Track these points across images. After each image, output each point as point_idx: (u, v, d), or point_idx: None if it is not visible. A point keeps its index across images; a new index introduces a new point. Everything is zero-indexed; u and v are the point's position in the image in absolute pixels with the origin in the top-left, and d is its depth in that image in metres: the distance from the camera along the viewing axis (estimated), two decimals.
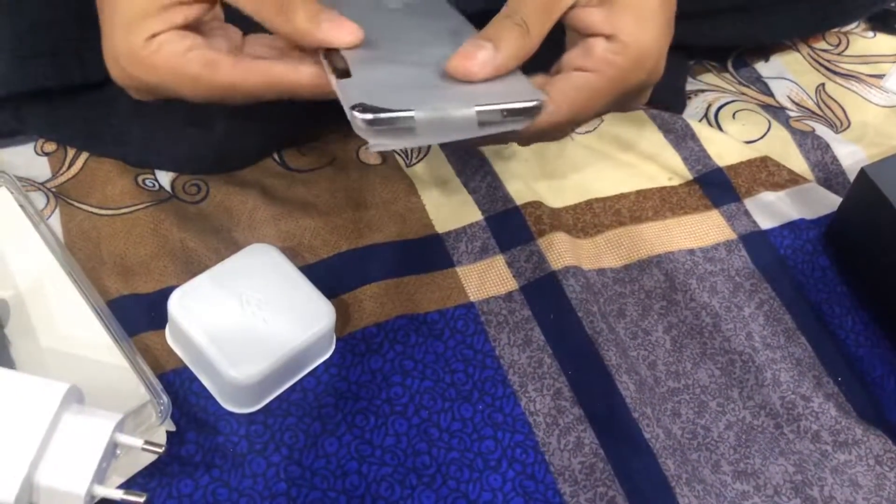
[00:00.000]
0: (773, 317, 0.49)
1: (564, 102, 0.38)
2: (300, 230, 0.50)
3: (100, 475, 0.37)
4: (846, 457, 0.44)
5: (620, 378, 0.45)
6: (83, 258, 0.48)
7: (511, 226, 0.51)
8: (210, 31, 0.39)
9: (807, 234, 0.53)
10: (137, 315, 0.46)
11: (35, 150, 0.52)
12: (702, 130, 0.57)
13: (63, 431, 0.37)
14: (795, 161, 0.56)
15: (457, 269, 0.49)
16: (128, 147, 0.51)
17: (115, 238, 0.49)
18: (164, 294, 0.44)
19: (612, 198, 0.54)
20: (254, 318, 0.43)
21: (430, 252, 0.50)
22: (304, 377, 0.45)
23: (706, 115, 0.59)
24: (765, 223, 0.53)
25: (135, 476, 0.41)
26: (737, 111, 0.59)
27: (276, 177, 0.53)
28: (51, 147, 0.53)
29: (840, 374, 0.48)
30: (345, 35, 0.37)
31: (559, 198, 0.54)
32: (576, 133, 0.56)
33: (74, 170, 0.52)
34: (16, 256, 0.46)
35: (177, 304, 0.43)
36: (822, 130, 0.58)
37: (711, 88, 0.61)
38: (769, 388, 0.47)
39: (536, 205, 0.52)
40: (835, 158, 0.57)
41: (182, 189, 0.52)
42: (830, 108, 0.60)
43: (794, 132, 0.57)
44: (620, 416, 0.44)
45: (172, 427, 0.42)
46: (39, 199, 0.50)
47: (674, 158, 0.56)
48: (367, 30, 0.38)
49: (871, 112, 0.60)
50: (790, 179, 0.55)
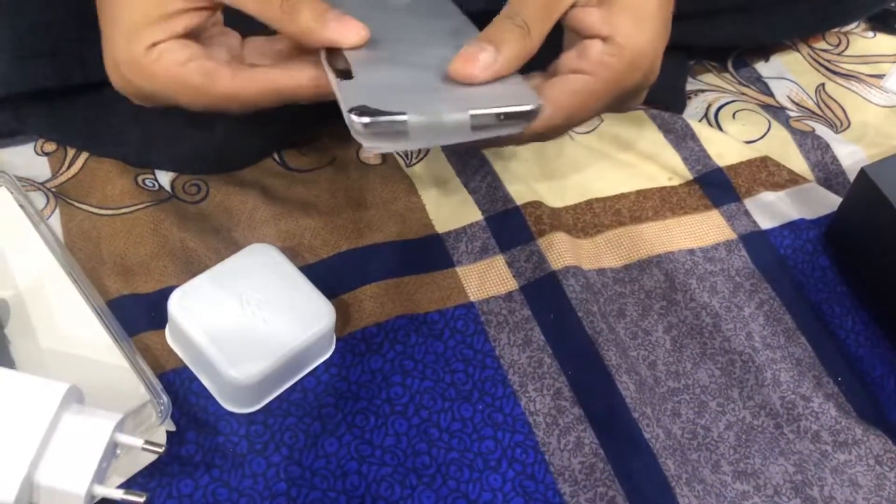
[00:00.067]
0: (773, 317, 0.49)
1: (560, 105, 0.38)
2: (300, 230, 0.50)
3: (100, 475, 0.37)
4: (846, 457, 0.44)
5: (620, 378, 0.45)
6: (83, 258, 0.48)
7: (511, 226, 0.51)
8: (210, 39, 0.40)
9: (807, 234, 0.53)
10: (137, 315, 0.46)
11: (35, 150, 0.52)
12: (702, 130, 0.57)
13: (63, 431, 0.37)
14: (795, 161, 0.56)
15: (457, 269, 0.49)
16: (128, 147, 0.51)
17: (115, 238, 0.49)
18: (164, 294, 0.44)
19: (613, 198, 0.54)
20: (254, 318, 0.43)
21: (430, 252, 0.50)
22: (304, 377, 0.45)
23: (706, 115, 0.59)
24: (765, 223, 0.53)
25: (135, 476, 0.41)
26: (737, 111, 0.59)
27: (276, 177, 0.53)
28: (51, 147, 0.53)
29: (840, 374, 0.48)
30: (351, 34, 0.37)
31: (559, 198, 0.53)
32: (576, 133, 0.56)
33: (74, 170, 0.52)
34: (16, 256, 0.46)
35: (177, 304, 0.43)
36: (822, 130, 0.58)
37: (711, 88, 0.61)
38: (769, 388, 0.47)
39: (536, 205, 0.52)
40: (835, 158, 0.57)
41: (182, 189, 0.52)
42: (830, 108, 0.60)
43: (794, 132, 0.57)
44: (620, 416, 0.44)
45: (172, 427, 0.42)
46: (39, 199, 0.50)
47: (674, 158, 0.56)
48: (370, 28, 0.38)
49: (871, 112, 0.60)
50: (790, 179, 0.55)
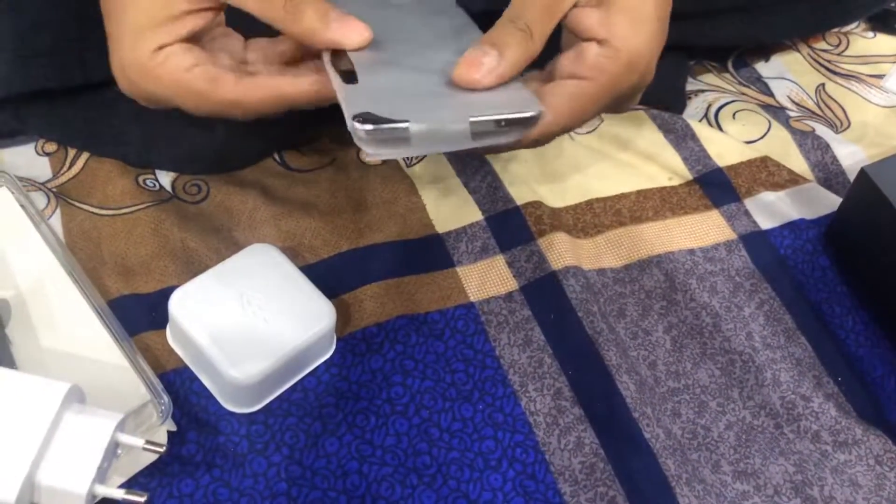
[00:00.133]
0: (774, 317, 0.49)
1: (559, 111, 0.37)
2: (301, 230, 0.50)
3: (101, 475, 0.37)
4: (846, 457, 0.44)
5: (620, 378, 0.45)
6: (84, 258, 0.48)
7: (511, 226, 0.51)
8: (213, 42, 0.39)
9: (807, 234, 0.53)
10: (138, 315, 0.46)
11: (36, 151, 0.52)
12: (702, 130, 0.57)
13: (64, 431, 0.37)
14: (795, 161, 0.56)
15: (457, 269, 0.49)
16: (128, 147, 0.51)
17: (116, 238, 0.49)
18: (165, 294, 0.44)
19: (613, 198, 0.54)
20: (254, 318, 0.43)
21: (431, 252, 0.50)
22: (305, 377, 0.45)
23: (706, 115, 0.59)
24: (765, 223, 0.53)
25: (136, 476, 0.41)
26: (737, 111, 0.59)
27: (277, 177, 0.53)
28: (51, 147, 0.53)
29: (840, 374, 0.48)
30: (354, 35, 0.37)
31: (559, 198, 0.54)
32: (576, 133, 0.57)
33: (75, 170, 0.52)
34: (17, 256, 0.46)
35: (177, 304, 0.43)
36: (823, 130, 0.58)
37: (711, 88, 0.61)
38: (769, 388, 0.47)
39: (537, 205, 0.52)
40: (835, 158, 0.57)
41: (182, 189, 0.52)
42: (830, 109, 0.60)
43: (795, 132, 0.57)
44: (621, 416, 0.44)
45: (173, 427, 0.42)
46: (40, 199, 0.50)
47: (674, 158, 0.56)
48: (372, 28, 0.37)
49: (872, 112, 0.60)
50: (790, 179, 0.55)
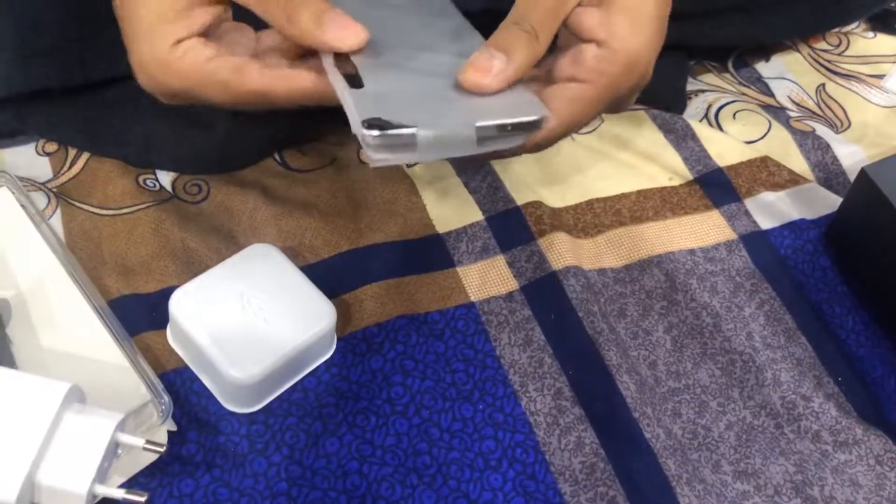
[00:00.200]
0: (774, 317, 0.49)
1: (559, 115, 0.37)
2: (301, 230, 0.50)
3: (101, 475, 0.37)
4: (846, 457, 0.44)
5: (621, 378, 0.45)
6: (84, 258, 0.48)
7: (511, 226, 0.51)
8: (226, 36, 0.39)
9: (807, 234, 0.53)
10: (138, 315, 0.46)
11: (36, 151, 0.52)
12: (702, 130, 0.57)
13: (64, 431, 0.37)
14: (796, 161, 0.56)
15: (457, 269, 0.49)
16: (129, 147, 0.51)
17: (116, 238, 0.49)
18: (165, 294, 0.44)
19: (613, 198, 0.54)
20: (255, 318, 0.43)
21: (431, 252, 0.50)
22: (305, 377, 0.45)
23: (706, 116, 0.59)
24: (765, 223, 0.53)
25: (136, 475, 0.41)
26: (737, 111, 0.59)
27: (277, 177, 0.53)
28: (52, 147, 0.53)
29: (840, 374, 0.48)
30: (349, 38, 0.37)
31: (560, 198, 0.54)
32: (576, 133, 0.57)
33: (75, 170, 0.52)
34: (17, 256, 0.46)
35: (178, 304, 0.43)
36: (823, 130, 0.58)
37: (712, 88, 0.61)
38: (769, 388, 0.47)
39: (537, 205, 0.52)
40: (835, 158, 0.57)
41: (183, 189, 0.52)
42: (831, 109, 0.60)
43: (795, 132, 0.57)
44: (621, 416, 0.44)
45: (173, 427, 0.42)
46: (41, 199, 0.50)
47: (674, 158, 0.56)
48: (370, 28, 0.37)
49: (872, 112, 0.60)
50: (790, 179, 0.55)
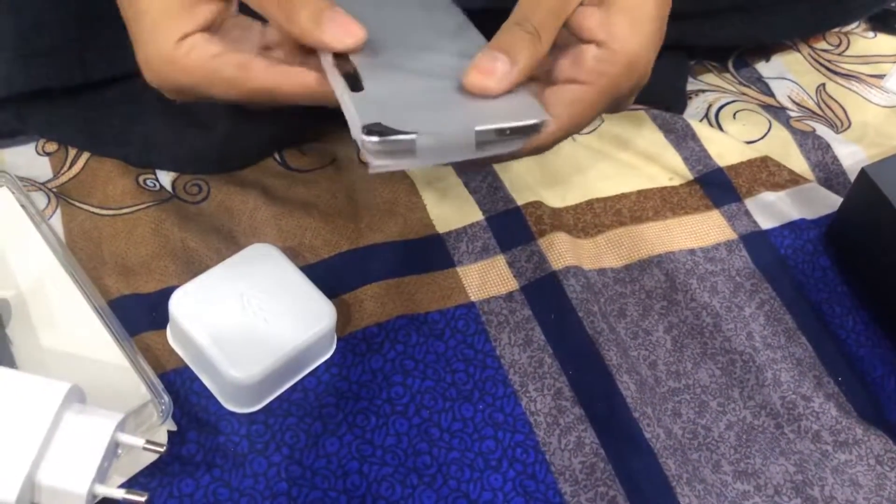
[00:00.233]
0: (774, 317, 0.49)
1: (559, 118, 0.37)
2: (301, 230, 0.50)
3: (101, 474, 0.37)
4: (847, 457, 0.44)
5: (621, 378, 0.45)
6: (84, 258, 0.48)
7: (512, 226, 0.51)
8: (231, 31, 0.39)
9: (807, 234, 0.53)
10: (138, 315, 0.46)
11: (36, 150, 0.52)
12: (702, 130, 0.57)
13: (64, 431, 0.37)
14: (796, 161, 0.56)
15: (457, 269, 0.49)
16: (129, 147, 0.51)
17: (117, 238, 0.49)
18: (165, 294, 0.44)
19: (613, 198, 0.54)
20: (255, 318, 0.43)
21: (431, 252, 0.50)
22: (305, 377, 0.45)
23: (707, 115, 0.59)
24: (765, 223, 0.53)
25: (136, 475, 0.41)
26: (737, 111, 0.59)
27: (277, 177, 0.53)
28: (52, 147, 0.53)
29: (840, 374, 0.48)
30: (346, 37, 0.36)
31: (560, 198, 0.54)
32: (576, 133, 0.56)
33: (75, 170, 0.52)
34: (17, 256, 0.46)
35: (178, 304, 0.43)
36: (823, 130, 0.58)
37: (712, 88, 0.61)
38: (770, 388, 0.47)
39: (537, 205, 0.52)
40: (835, 158, 0.57)
41: (183, 189, 0.52)
42: (831, 109, 0.60)
43: (795, 132, 0.57)
44: (621, 416, 0.44)
45: (173, 427, 0.42)
46: (41, 199, 0.50)
47: (674, 158, 0.56)
48: (370, 26, 0.37)
49: (872, 112, 0.60)
50: (791, 179, 0.55)
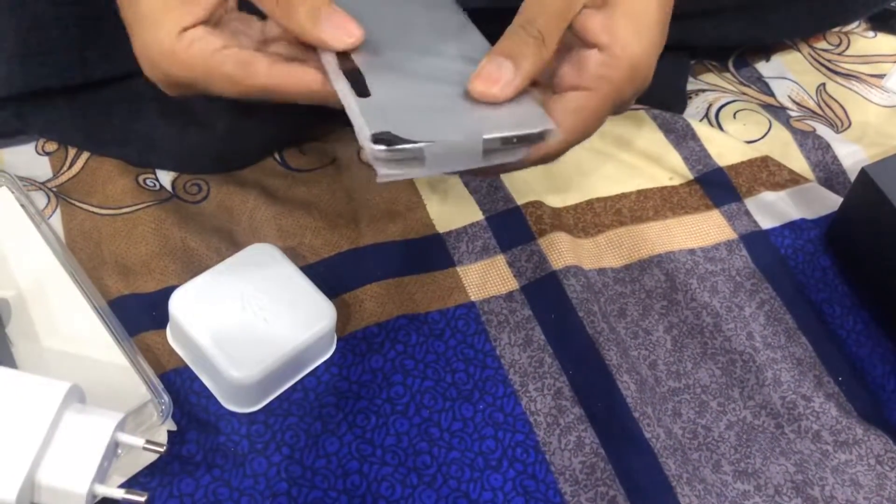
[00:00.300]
0: (774, 316, 0.49)
1: (565, 127, 0.37)
2: (301, 230, 0.50)
3: (101, 474, 0.37)
4: (847, 456, 0.44)
5: (621, 378, 0.45)
6: (84, 258, 0.48)
7: (512, 225, 0.51)
8: (231, 24, 0.39)
9: (808, 234, 0.53)
10: (138, 314, 0.46)
11: (36, 150, 0.52)
12: (702, 130, 0.57)
13: (64, 430, 0.37)
14: (796, 161, 0.56)
15: (457, 269, 0.49)
16: (129, 147, 0.51)
17: (116, 238, 0.49)
18: (165, 294, 0.44)
19: (613, 197, 0.54)
20: (255, 318, 0.43)
21: (431, 252, 0.50)
22: (305, 377, 0.45)
23: (707, 115, 0.59)
24: (765, 223, 0.53)
25: (136, 475, 0.41)
26: (737, 111, 0.59)
27: (277, 176, 0.53)
28: (52, 147, 0.53)
29: (841, 374, 0.48)
30: (343, 37, 0.36)
31: (560, 198, 0.54)
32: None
33: (75, 169, 0.52)
34: (17, 256, 0.46)
35: (178, 304, 0.43)
36: (823, 130, 0.58)
37: (712, 88, 0.61)
38: (770, 388, 0.47)
39: (537, 204, 0.52)
40: (835, 158, 0.57)
41: (183, 189, 0.52)
42: (831, 108, 0.60)
43: (795, 132, 0.57)
44: (621, 416, 0.44)
45: (173, 426, 0.42)
46: (40, 199, 0.50)
47: (674, 158, 0.56)
48: (372, 24, 0.37)
49: (872, 112, 0.60)
50: (791, 179, 0.55)
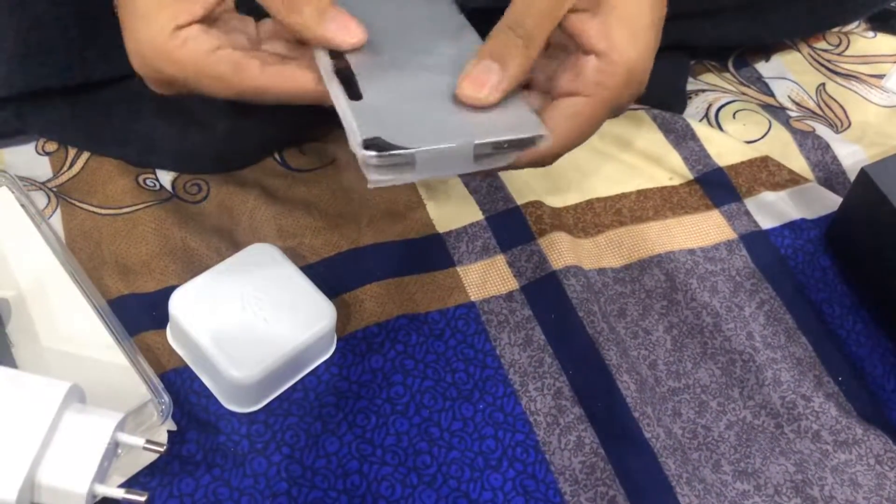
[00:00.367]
0: (774, 316, 0.49)
1: (560, 132, 0.37)
2: (301, 230, 0.50)
3: (101, 474, 0.37)
4: (846, 456, 0.44)
5: (621, 377, 0.45)
6: (84, 258, 0.48)
7: (512, 225, 0.51)
8: (226, 24, 0.39)
9: (807, 234, 0.53)
10: (138, 314, 0.46)
11: (36, 150, 0.52)
12: (702, 130, 0.57)
13: (64, 430, 0.37)
14: (796, 161, 0.56)
15: (457, 269, 0.49)
16: (129, 147, 0.51)
17: (117, 238, 0.49)
18: (166, 293, 0.44)
19: (613, 197, 0.54)
20: (255, 318, 0.43)
21: (431, 252, 0.50)
22: (305, 376, 0.45)
23: (707, 115, 0.59)
24: (765, 223, 0.53)
25: (136, 475, 0.41)
26: (737, 111, 0.59)
27: (277, 176, 0.53)
28: (52, 147, 0.53)
29: (840, 374, 0.48)
30: (347, 36, 0.36)
31: (560, 197, 0.54)
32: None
33: (75, 169, 0.52)
34: (17, 256, 0.46)
35: (178, 304, 0.43)
36: (823, 130, 0.58)
37: (712, 88, 0.61)
38: (770, 388, 0.47)
39: (537, 204, 0.52)
40: (835, 158, 0.57)
41: (183, 189, 0.52)
42: (831, 108, 0.60)
43: (795, 132, 0.57)
44: (621, 416, 0.44)
45: (173, 426, 0.42)
46: (41, 199, 0.50)
47: (674, 158, 0.56)
48: (368, 24, 0.37)
49: (872, 112, 0.60)
50: (790, 179, 0.55)
